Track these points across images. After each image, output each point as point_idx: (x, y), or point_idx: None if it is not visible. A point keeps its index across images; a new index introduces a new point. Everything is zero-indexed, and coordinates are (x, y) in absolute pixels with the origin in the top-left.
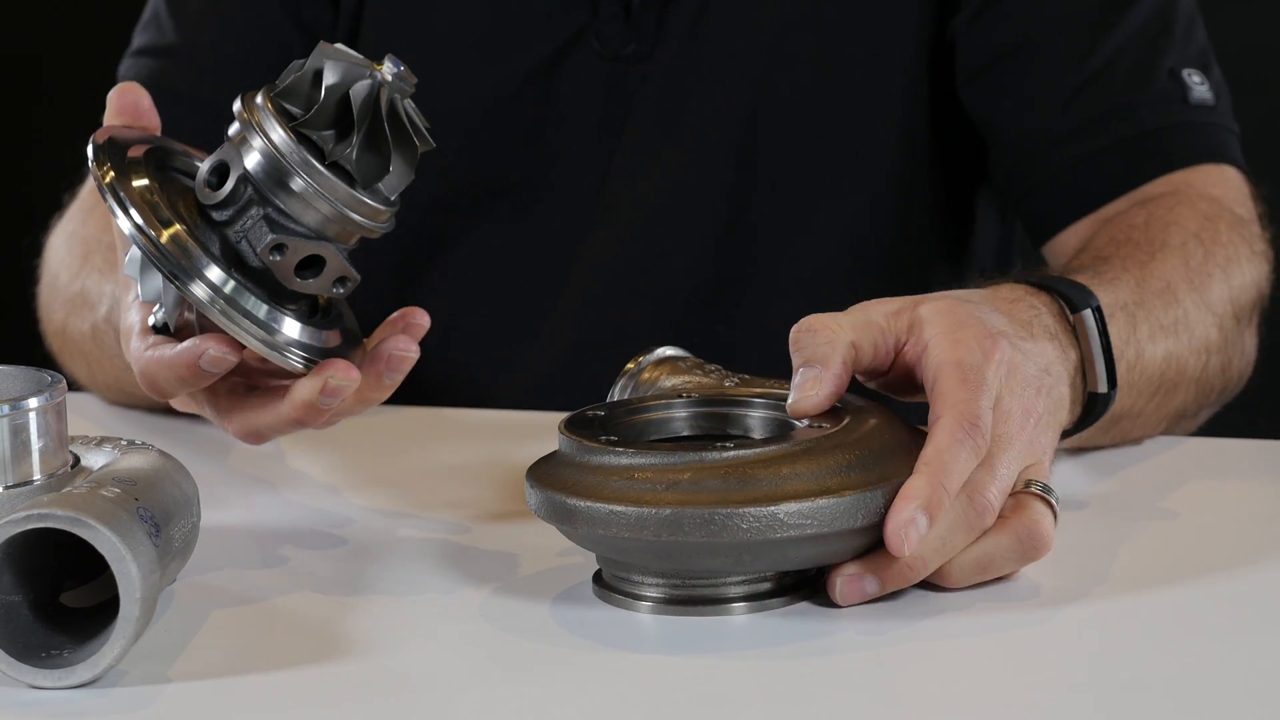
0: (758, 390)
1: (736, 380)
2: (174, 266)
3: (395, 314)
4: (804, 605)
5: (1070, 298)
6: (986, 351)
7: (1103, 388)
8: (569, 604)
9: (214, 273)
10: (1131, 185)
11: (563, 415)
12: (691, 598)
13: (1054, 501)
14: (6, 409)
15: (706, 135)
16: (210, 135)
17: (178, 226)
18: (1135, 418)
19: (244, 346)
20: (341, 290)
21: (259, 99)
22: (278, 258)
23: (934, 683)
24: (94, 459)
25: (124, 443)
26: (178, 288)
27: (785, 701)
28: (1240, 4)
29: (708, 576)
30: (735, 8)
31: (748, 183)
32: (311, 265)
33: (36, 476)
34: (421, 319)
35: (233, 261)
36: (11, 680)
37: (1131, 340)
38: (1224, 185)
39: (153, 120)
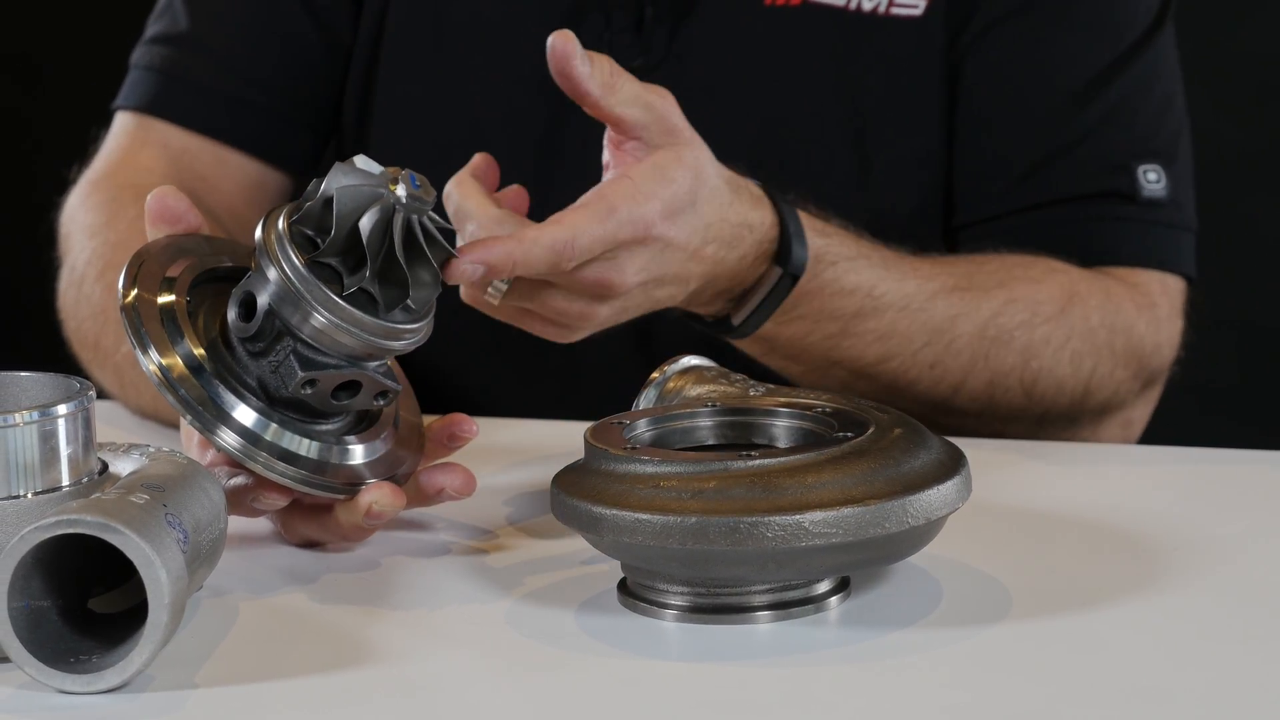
0: (782, 400)
1: (761, 389)
2: (202, 419)
3: (441, 423)
4: (829, 613)
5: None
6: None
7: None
8: (594, 612)
9: (250, 416)
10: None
11: (588, 424)
12: (716, 606)
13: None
14: (36, 415)
15: (719, 148)
16: (221, 122)
17: (208, 366)
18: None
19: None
20: (383, 402)
21: (280, 223)
22: (310, 391)
23: (959, 692)
24: (122, 465)
25: (152, 449)
26: (209, 440)
27: (810, 710)
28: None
29: (733, 584)
30: (750, 28)
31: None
32: (348, 387)
33: (65, 482)
34: (468, 431)
35: (271, 391)
36: (41, 685)
37: (859, 260)
38: (1151, 293)
39: (192, 221)
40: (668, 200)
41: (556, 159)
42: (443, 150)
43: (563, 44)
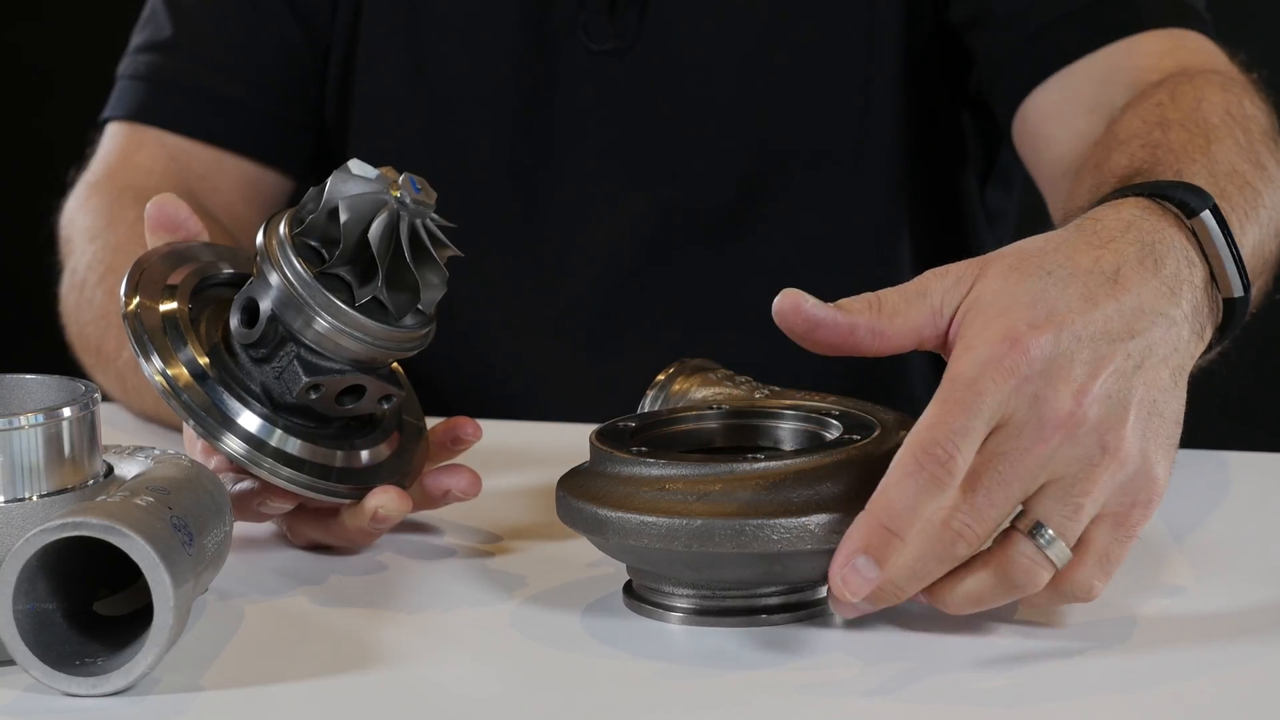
0: (788, 402)
1: (767, 392)
2: (206, 426)
3: (445, 425)
4: (835, 616)
5: (1185, 201)
6: (999, 356)
7: (1237, 291)
8: (599, 614)
9: (254, 422)
10: (1098, 43)
11: (593, 426)
12: (722, 609)
13: (1045, 541)
14: (41, 418)
15: (696, 128)
16: (213, 124)
17: (211, 373)
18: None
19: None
20: (387, 405)
21: (282, 229)
22: (315, 396)
23: (965, 694)
24: (127, 468)
25: (157, 452)
26: (214, 446)
27: (815, 713)
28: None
29: (738, 587)
30: (720, 6)
31: (741, 174)
32: (353, 392)
33: (70, 485)
34: (471, 433)
35: (275, 397)
36: (46, 688)
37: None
38: (1202, 52)
39: (192, 228)
40: (1007, 298)
41: (534, 140)
42: (424, 136)
43: (791, 303)
